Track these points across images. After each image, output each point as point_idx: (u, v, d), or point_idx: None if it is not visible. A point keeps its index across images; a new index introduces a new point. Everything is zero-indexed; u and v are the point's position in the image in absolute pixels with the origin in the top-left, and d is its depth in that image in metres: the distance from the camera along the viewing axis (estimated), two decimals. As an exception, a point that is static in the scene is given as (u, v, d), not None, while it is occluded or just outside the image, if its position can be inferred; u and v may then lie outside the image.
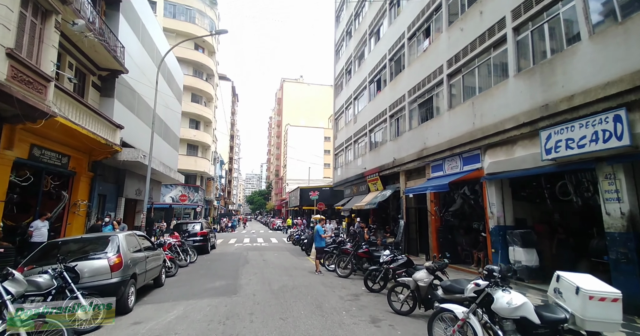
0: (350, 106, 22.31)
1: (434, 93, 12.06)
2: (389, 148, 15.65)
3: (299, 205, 41.37)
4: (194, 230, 14.23)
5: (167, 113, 19.52)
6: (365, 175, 18.45)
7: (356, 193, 20.79)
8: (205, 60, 35.40)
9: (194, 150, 35.27)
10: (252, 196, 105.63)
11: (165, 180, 20.10)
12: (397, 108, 14.82)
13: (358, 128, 20.30)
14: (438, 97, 11.88)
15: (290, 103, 77.11)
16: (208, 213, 46.59)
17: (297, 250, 16.44)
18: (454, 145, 10.29)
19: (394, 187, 15.37)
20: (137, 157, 12.16)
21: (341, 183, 23.70)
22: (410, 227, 13.88)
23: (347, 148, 22.87)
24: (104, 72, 12.28)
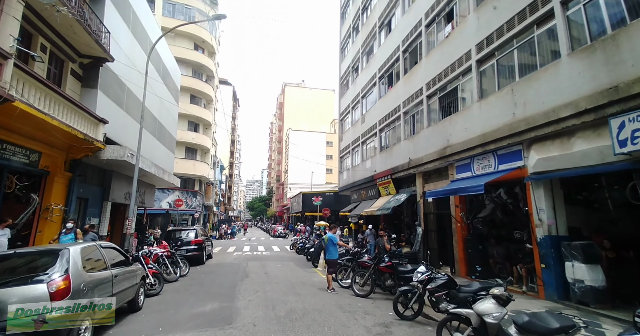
0: (358, 105, 20.96)
1: (459, 83, 10.67)
2: (403, 148, 14.23)
3: (301, 211, 39.85)
4: (188, 238, 12.75)
5: (162, 112, 18.20)
6: (375, 178, 17.01)
7: (365, 198, 19.31)
8: (205, 61, 34.25)
9: (192, 154, 33.92)
10: (253, 202, 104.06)
11: (159, 184, 18.67)
12: (413, 104, 13.44)
13: (366, 129, 18.92)
14: (464, 87, 10.49)
15: (291, 107, 76.09)
16: (207, 220, 45.07)
17: (302, 260, 14.93)
18: (487, 141, 8.86)
19: (409, 190, 13.91)
20: (123, 156, 10.74)
21: (347, 187, 22.24)
22: (430, 235, 12.38)
23: (354, 150, 21.47)
24: (86, 60, 10.93)
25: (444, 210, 11.50)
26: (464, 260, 9.86)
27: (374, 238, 14.76)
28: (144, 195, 16.69)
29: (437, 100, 11.85)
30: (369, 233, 14.92)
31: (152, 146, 16.28)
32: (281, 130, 79.17)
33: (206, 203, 39.87)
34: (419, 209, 12.92)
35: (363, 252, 8.40)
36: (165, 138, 18.87)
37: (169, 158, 19.74)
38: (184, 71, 33.38)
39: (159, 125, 17.50)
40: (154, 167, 14.31)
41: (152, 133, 16.35)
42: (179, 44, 32.82)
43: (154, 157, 16.21)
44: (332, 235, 8.36)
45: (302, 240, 18.79)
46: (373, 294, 7.52)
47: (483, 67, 9.63)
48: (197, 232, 13.06)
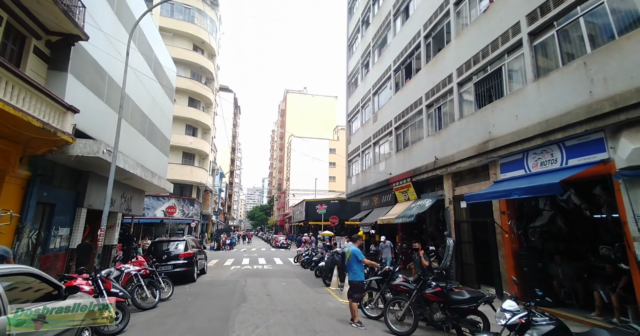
0: (369, 103, 19.20)
1: (503, 63, 8.86)
2: (426, 146, 12.37)
3: (305, 219, 37.80)
4: (176, 250, 10.78)
5: (155, 111, 16.44)
6: (390, 182, 15.10)
7: (377, 205, 17.36)
8: (204, 63, 32.77)
9: (190, 159, 32.12)
10: (253, 211, 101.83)
11: (150, 189, 16.79)
12: (440, 94, 11.63)
13: (379, 128, 17.10)
14: (512, 66, 8.67)
15: (294, 114, 74.70)
16: (205, 229, 42.98)
17: (310, 276, 12.90)
18: (550, 129, 6.98)
19: (434, 195, 11.99)
20: (97, 152, 8.89)
21: (357, 193, 20.30)
22: (463, 248, 10.39)
23: (365, 153, 19.61)
24: (55, 37, 9.17)
25: (482, 217, 9.56)
26: (516, 280, 7.84)
27: (390, 251, 12.77)
28: (131, 202, 14.79)
29: (473, 86, 10.02)
30: (383, 245, 12.89)
31: (140, 146, 14.47)
32: (283, 137, 77.65)
33: (204, 211, 37.89)
34: (447, 217, 10.98)
35: (396, 271, 6.44)
36: (157, 139, 17.07)
37: (161, 162, 17.89)
38: (182, 73, 31.87)
39: (149, 123, 15.72)
40: (140, 168, 12.45)
41: (141, 132, 14.55)
42: (177, 45, 31.41)
43: (143, 158, 14.38)
44: (356, 248, 6.42)
45: (308, 252, 16.77)
46: (416, 331, 5.52)
47: (538, 40, 7.83)
48: (187, 243, 11.08)
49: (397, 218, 12.54)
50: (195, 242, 12.96)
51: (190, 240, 12.13)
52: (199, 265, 12.21)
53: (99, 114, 10.85)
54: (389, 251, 12.51)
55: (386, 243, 12.57)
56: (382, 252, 12.65)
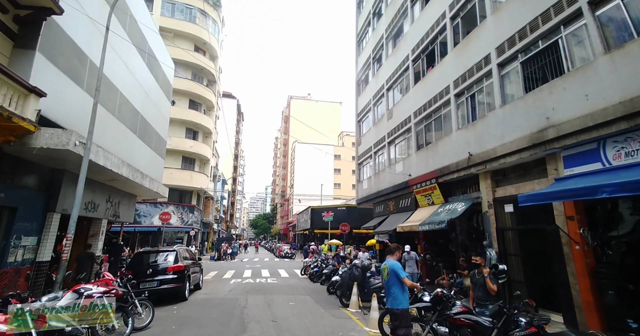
0: (382, 100, 17.64)
1: (560, 36, 7.25)
2: (456, 141, 10.71)
3: (310, 227, 35.98)
4: (164, 263, 9.08)
5: (149, 108, 14.96)
6: (410, 184, 13.41)
7: (394, 211, 15.61)
8: (206, 64, 31.54)
9: (190, 164, 30.62)
10: (256, 219, 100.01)
11: (142, 194, 15.18)
12: (474, 79, 10.01)
13: (395, 125, 15.48)
14: (572, 38, 7.05)
15: (297, 121, 73.44)
16: (206, 238, 41.22)
17: (322, 292, 11.13)
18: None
19: (468, 197, 10.27)
20: (65, 144, 7.30)
21: (369, 198, 18.58)
22: (510, 262, 8.61)
23: (378, 153, 17.96)
24: (24, 11, 7.73)
25: (536, 223, 7.83)
26: (596, 306, 6.06)
27: (416, 264, 10.90)
28: (119, 207, 13.16)
29: (519, 66, 8.39)
30: (408, 257, 11.03)
31: (130, 144, 12.92)
32: (286, 144, 76.33)
33: (205, 219, 36.23)
34: (486, 223, 9.24)
35: (451, 296, 4.71)
36: (152, 138, 15.54)
37: (156, 164, 16.32)
38: (182, 74, 30.64)
39: (142, 121, 14.20)
40: (127, 168, 10.86)
41: (131, 129, 13.02)
42: (178, 45, 30.19)
43: (133, 158, 12.84)
44: (395, 263, 4.67)
45: (317, 264, 15.00)
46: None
47: (603, 8, 6.24)
48: (177, 254, 9.37)
49: (423, 224, 10.80)
50: (189, 253, 11.26)
51: (183, 250, 10.44)
52: (193, 280, 10.50)
53: (77, 103, 9.31)
54: (415, 264, 10.67)
55: (411, 254, 10.74)
56: (406, 265, 10.81)
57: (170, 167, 28.16)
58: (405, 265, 10.67)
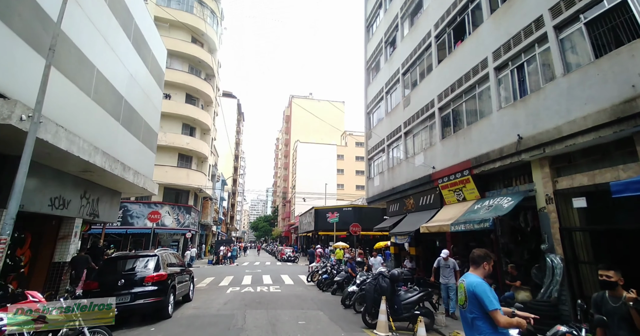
0: (396, 86, 15.88)
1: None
2: (497, 123, 8.92)
3: (314, 229, 34.10)
4: (141, 271, 7.25)
5: (135, 92, 13.21)
6: (434, 178, 11.62)
7: (413, 209, 13.79)
8: (204, 56, 29.85)
9: (187, 162, 28.85)
10: (257, 222, 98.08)
11: (127, 190, 13.39)
12: (522, 47, 8.22)
13: (414, 112, 13.70)
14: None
15: (299, 120, 71.86)
16: (205, 240, 39.40)
17: (335, 305, 9.31)
18: None
19: (516, 191, 8.46)
20: (7, 118, 5.56)
21: (382, 196, 16.76)
22: (581, 272, 6.76)
23: (392, 146, 16.16)
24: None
25: (619, 223, 6.02)
26: None
27: (454, 275, 8.47)
28: (97, 204, 11.38)
29: (583, 27, 6.60)
30: (444, 264, 8.50)
31: (111, 132, 11.13)
32: (288, 144, 74.65)
33: (203, 221, 34.44)
34: (544, 222, 7.42)
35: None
36: (139, 129, 13.78)
37: (145, 158, 14.54)
38: (179, 66, 29.01)
39: (126, 107, 12.44)
40: (102, 157, 9.09)
41: (112, 114, 11.24)
42: (174, 36, 28.61)
43: (115, 148, 11.10)
44: (479, 281, 2.83)
45: (326, 269, 13.17)
46: None
47: None
48: (159, 260, 7.56)
49: (456, 224, 8.98)
50: (176, 257, 9.43)
51: (168, 255, 8.61)
52: (180, 291, 8.68)
53: (33, 72, 7.54)
54: (453, 274, 8.46)
55: (449, 261, 8.49)
56: (440, 274, 8.74)
57: (165, 165, 26.43)
58: (439, 273, 8.77)
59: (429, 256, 13.54)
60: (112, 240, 24.95)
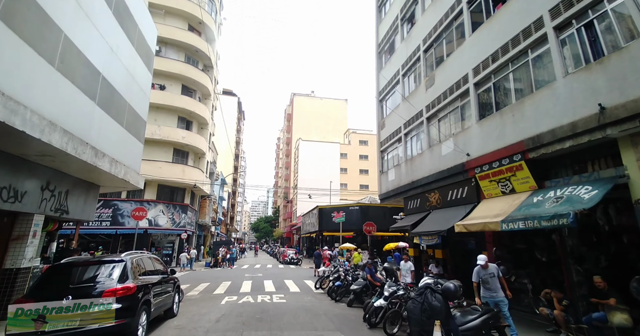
0: (416, 66, 13.99)
1: None
2: (564, 92, 7.02)
3: (318, 230, 32.16)
4: (101, 283, 5.34)
5: (116, 71, 11.33)
6: (468, 167, 9.73)
7: (439, 205, 11.86)
8: (201, 45, 27.99)
9: (182, 157, 26.97)
10: (258, 223, 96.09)
11: (105, 182, 11.48)
12: (583, 4, 6.33)
13: (440, 93, 11.80)
14: None
15: (301, 119, 70.09)
16: (203, 242, 37.49)
17: (354, 320, 7.40)
18: None
19: (595, 178, 6.53)
20: None
21: (398, 191, 14.84)
22: None
23: (410, 135, 14.26)
24: None
25: None
26: None
27: (500, 285, 6.65)
28: (66, 199, 9.50)
29: None
30: (484, 273, 6.49)
31: (83, 111, 9.22)
32: (289, 143, 72.83)
33: (201, 221, 32.56)
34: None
35: None
36: (122, 113, 11.89)
37: (131, 147, 12.66)
38: (174, 55, 27.15)
39: (106, 86, 10.56)
40: (62, 136, 7.22)
41: (85, 92, 9.34)
42: (169, 23, 26.81)
43: (89, 131, 9.28)
44: None
45: (340, 275, 11.25)
46: None
47: None
48: (126, 268, 5.65)
49: (510, 221, 7.03)
50: (155, 262, 7.51)
51: (143, 259, 6.66)
52: (158, 306, 6.78)
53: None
54: (497, 284, 6.42)
55: (490, 268, 6.47)
56: (481, 286, 6.69)
57: (159, 160, 24.55)
58: (479, 286, 6.74)
59: (459, 260, 11.63)
60: (102, 241, 23.07)
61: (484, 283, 6.63)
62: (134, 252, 6.64)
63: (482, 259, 6.72)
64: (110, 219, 22.72)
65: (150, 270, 6.83)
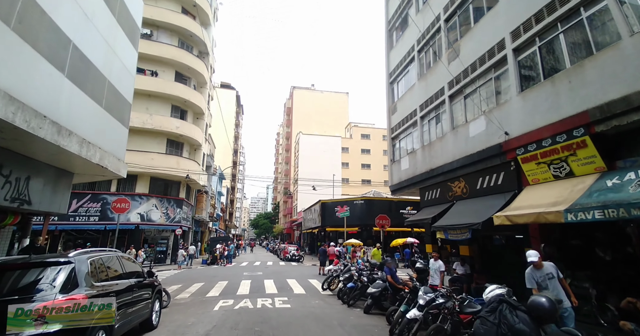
0: (434, 40, 12.40)
1: None
2: (633, 53, 5.46)
3: (321, 225, 30.66)
4: (36, 295, 3.80)
5: (93, 41, 9.66)
6: (508, 148, 8.20)
7: (465, 195, 10.31)
8: (196, 30, 26.27)
9: (177, 149, 25.38)
10: (257, 219, 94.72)
11: (79, 169, 9.89)
12: None
13: (466, 65, 10.20)
14: None
15: (301, 113, 68.36)
16: (200, 238, 36.02)
17: (378, 332, 5.90)
18: None
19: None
20: None
21: (414, 181, 13.30)
22: None
23: (429, 117, 12.69)
24: None
25: None
26: None
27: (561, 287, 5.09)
28: (26, 187, 7.92)
29: None
30: (541, 276, 5.04)
31: (46, 82, 7.58)
32: (289, 137, 71.15)
33: (197, 216, 31.06)
34: None
35: None
36: (100, 91, 10.24)
37: (110, 130, 11.02)
38: (166, 39, 25.41)
39: (77, 56, 8.88)
40: (5, 100, 5.63)
41: (49, 58, 7.70)
42: (161, 5, 25.06)
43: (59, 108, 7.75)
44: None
45: (353, 275, 9.73)
46: None
47: None
48: (75, 272, 4.10)
49: (580, 210, 5.48)
50: (126, 263, 5.95)
51: (107, 259, 5.13)
52: (128, 320, 5.24)
53: None
54: (559, 288, 5.03)
55: (545, 268, 5.10)
56: (546, 291, 5.13)
57: (151, 151, 22.95)
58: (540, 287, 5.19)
59: (487, 258, 10.13)
60: (90, 237, 21.53)
61: (540, 289, 5.12)
62: (93, 249, 5.07)
63: (534, 255, 5.22)
64: (99, 214, 21.19)
65: (117, 273, 5.28)
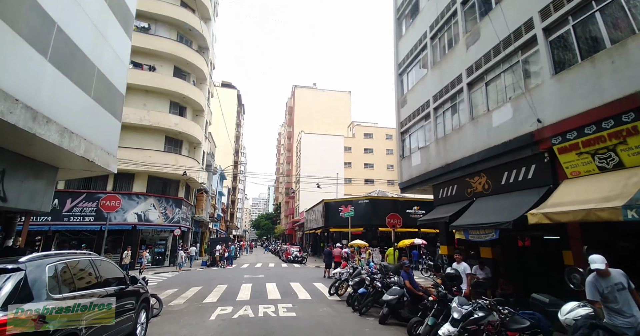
0: (449, 25, 11.51)
1: None
2: None
3: (324, 226, 29.74)
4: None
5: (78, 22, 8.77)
6: (541, 137, 7.29)
7: (486, 191, 9.39)
8: (195, 23, 25.43)
9: (176, 146, 24.54)
10: (259, 220, 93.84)
11: (63, 163, 9.02)
12: None
13: (488, 49, 9.31)
14: None
15: (303, 112, 67.47)
16: (200, 239, 35.16)
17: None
18: None
19: None
20: None
21: (427, 177, 12.39)
22: None
23: (443, 108, 11.79)
24: None
25: None
26: None
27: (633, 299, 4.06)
28: (1, 180, 7.05)
29: None
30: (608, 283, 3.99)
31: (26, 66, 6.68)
32: (291, 137, 70.25)
33: (197, 216, 30.20)
34: None
35: None
36: (88, 79, 9.33)
37: (100, 122, 10.13)
38: (165, 33, 24.56)
39: (63, 40, 7.97)
40: None
41: (28, 40, 6.81)
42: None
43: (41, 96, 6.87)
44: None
45: (364, 280, 8.83)
46: None
47: None
48: (26, 282, 3.22)
49: (640, 204, 4.57)
50: (102, 267, 5.06)
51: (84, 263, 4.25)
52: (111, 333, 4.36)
53: None
54: (631, 300, 3.94)
55: (613, 276, 4.00)
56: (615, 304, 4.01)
57: (148, 148, 22.10)
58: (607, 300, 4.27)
59: (512, 262, 9.21)
60: (85, 238, 20.70)
61: (606, 302, 4.18)
62: (58, 252, 4.16)
63: (599, 261, 4.21)
64: (95, 214, 20.35)
65: (91, 281, 4.39)
